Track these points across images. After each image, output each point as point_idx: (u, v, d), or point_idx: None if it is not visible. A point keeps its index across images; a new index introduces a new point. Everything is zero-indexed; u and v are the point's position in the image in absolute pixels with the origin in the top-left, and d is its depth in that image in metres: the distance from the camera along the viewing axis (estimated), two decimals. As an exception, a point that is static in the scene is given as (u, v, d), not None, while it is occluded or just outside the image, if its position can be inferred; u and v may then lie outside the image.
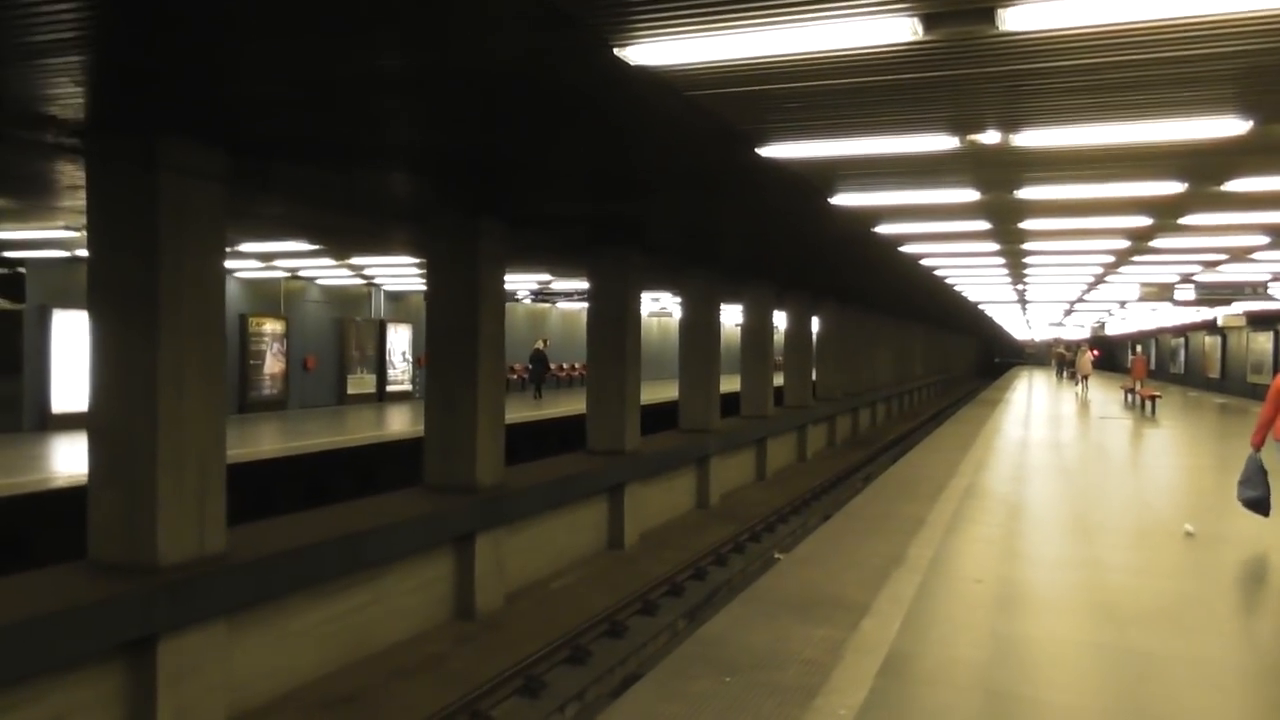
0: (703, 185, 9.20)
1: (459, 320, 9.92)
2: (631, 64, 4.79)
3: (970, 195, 9.10)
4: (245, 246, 13.88)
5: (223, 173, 7.00)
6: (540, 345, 26.73)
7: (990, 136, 6.56)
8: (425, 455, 10.24)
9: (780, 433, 21.62)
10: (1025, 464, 13.16)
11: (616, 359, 13.52)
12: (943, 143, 6.71)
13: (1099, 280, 19.96)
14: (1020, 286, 22.50)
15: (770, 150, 6.98)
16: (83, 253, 15.09)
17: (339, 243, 13.09)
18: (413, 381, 25.37)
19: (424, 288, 23.90)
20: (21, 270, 15.65)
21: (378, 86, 5.56)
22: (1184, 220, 10.69)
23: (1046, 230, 11.87)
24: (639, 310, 14.01)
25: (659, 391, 23.63)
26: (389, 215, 9.93)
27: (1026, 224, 11.24)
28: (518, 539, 10.86)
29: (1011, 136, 6.49)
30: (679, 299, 17.62)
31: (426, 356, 10.25)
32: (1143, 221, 10.73)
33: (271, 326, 20.78)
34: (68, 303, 16.21)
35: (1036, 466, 12.92)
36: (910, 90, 5.43)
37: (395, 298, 25.01)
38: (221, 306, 7.39)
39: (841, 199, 9.39)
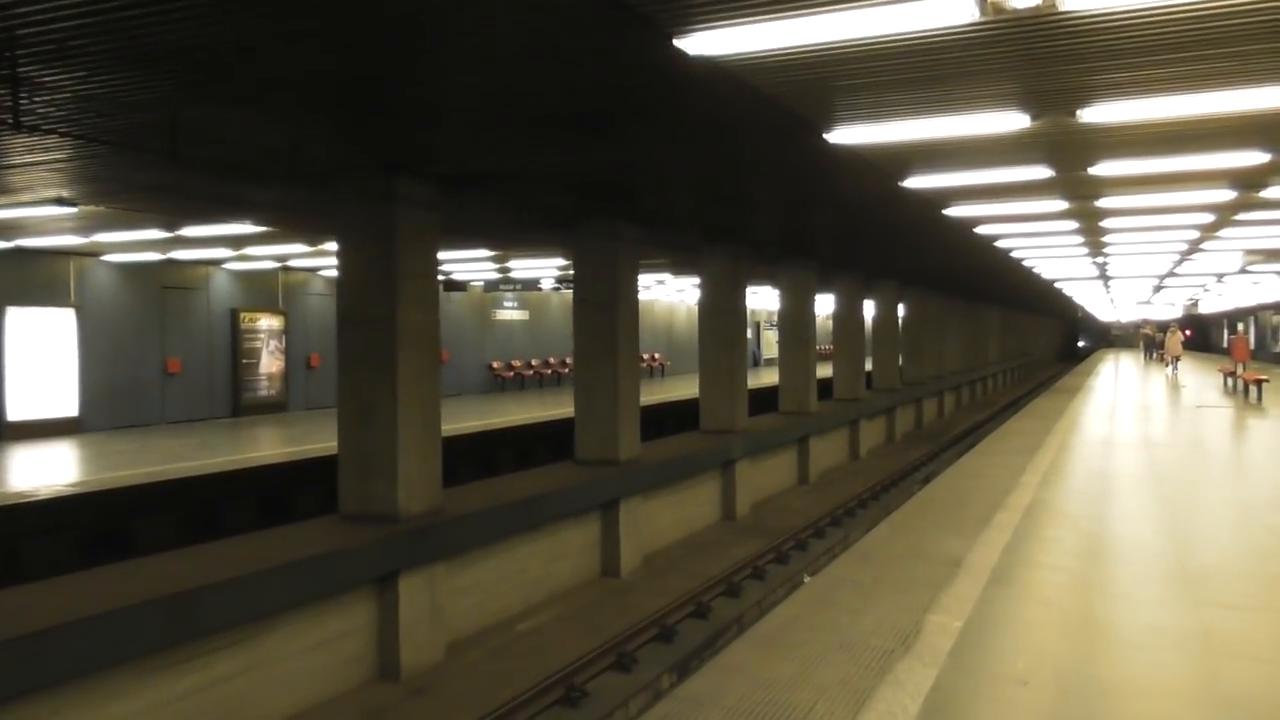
0: (758, 170, 8.92)
1: (373, 307, 8.01)
2: (691, 54, 4.70)
3: (1043, 173, 8.82)
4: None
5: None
6: None
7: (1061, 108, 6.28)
8: (339, 478, 8.35)
9: (827, 430, 19.31)
10: (1106, 470, 10.72)
11: (607, 353, 11.47)
12: (1013, 121, 6.53)
13: (1192, 249, 17.25)
14: (1100, 260, 19.86)
15: (837, 135, 6.91)
16: (28, 242, 13.68)
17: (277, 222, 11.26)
18: (433, 378, 23.76)
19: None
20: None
21: None
22: (1270, 192, 10.06)
23: (1127, 208, 11.50)
24: (635, 295, 11.95)
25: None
26: (299, 185, 8.05)
27: (1105, 201, 10.80)
28: (468, 574, 8.93)
29: (1081, 112, 6.30)
30: (698, 281, 15.48)
31: (338, 354, 8.34)
32: (1235, 186, 9.78)
33: (268, 322, 19.29)
34: (22, 300, 14.85)
35: (1120, 474, 10.48)
36: (976, 70, 5.32)
37: (412, 289, 23.40)
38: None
39: (911, 182, 9.20)
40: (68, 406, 15.44)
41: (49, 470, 12.01)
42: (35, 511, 10.11)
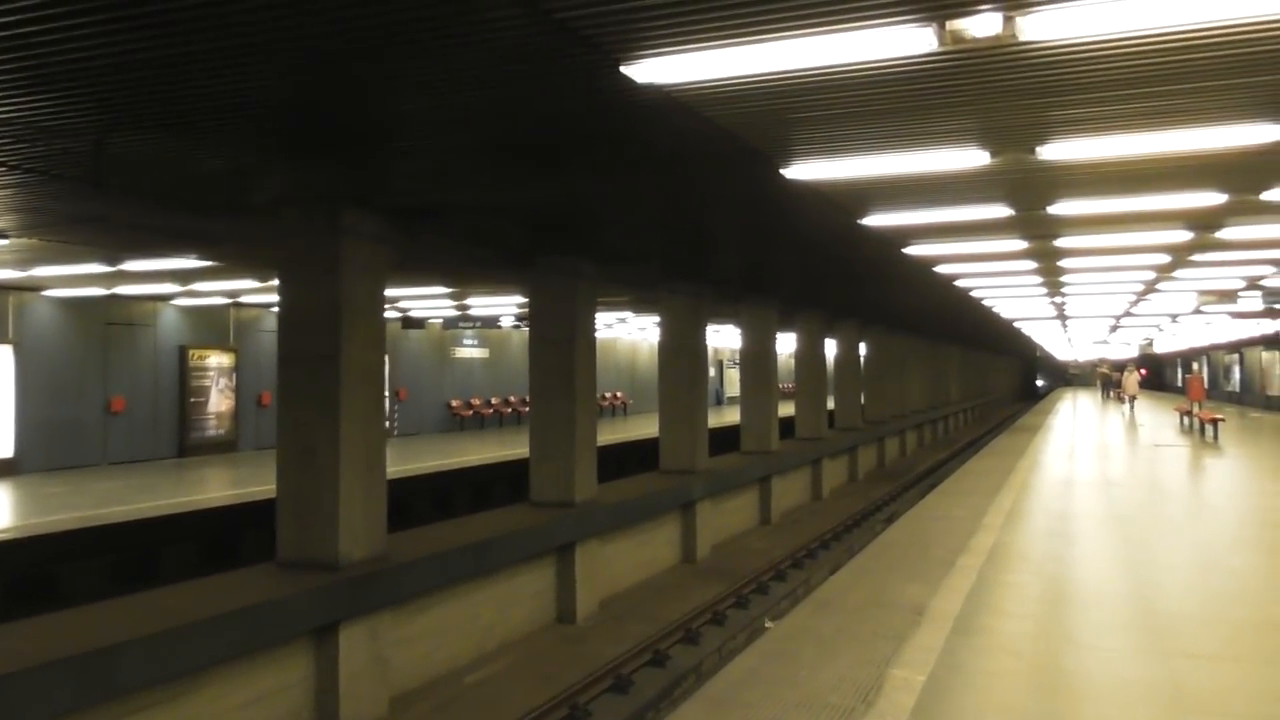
0: (714, 206, 8.83)
1: (315, 344, 7.69)
2: (639, 81, 4.55)
3: (1003, 211, 8.77)
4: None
5: None
6: None
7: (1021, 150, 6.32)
8: (277, 522, 7.96)
9: (789, 469, 19.12)
10: (1068, 511, 10.60)
11: (564, 391, 11.19)
12: (973, 158, 6.45)
13: (1148, 290, 17.41)
14: (1059, 300, 20.01)
15: (795, 171, 6.79)
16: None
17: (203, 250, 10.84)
18: (391, 418, 23.28)
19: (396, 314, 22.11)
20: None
21: None
22: (1225, 233, 10.10)
23: (1084, 248, 11.53)
24: (593, 332, 11.69)
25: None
26: (239, 216, 7.74)
27: (1064, 241, 10.84)
28: (415, 623, 8.55)
29: (1041, 149, 6.22)
30: (658, 319, 15.28)
31: (278, 393, 7.99)
32: (1191, 227, 9.75)
33: (218, 359, 18.78)
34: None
35: (1082, 514, 10.36)
36: (935, 103, 5.20)
37: (369, 326, 22.99)
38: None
39: (871, 220, 9.11)
40: (2, 447, 14.82)
41: (-24, 514, 11.43)
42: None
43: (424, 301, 18.95)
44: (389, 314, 21.87)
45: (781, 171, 6.60)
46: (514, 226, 9.28)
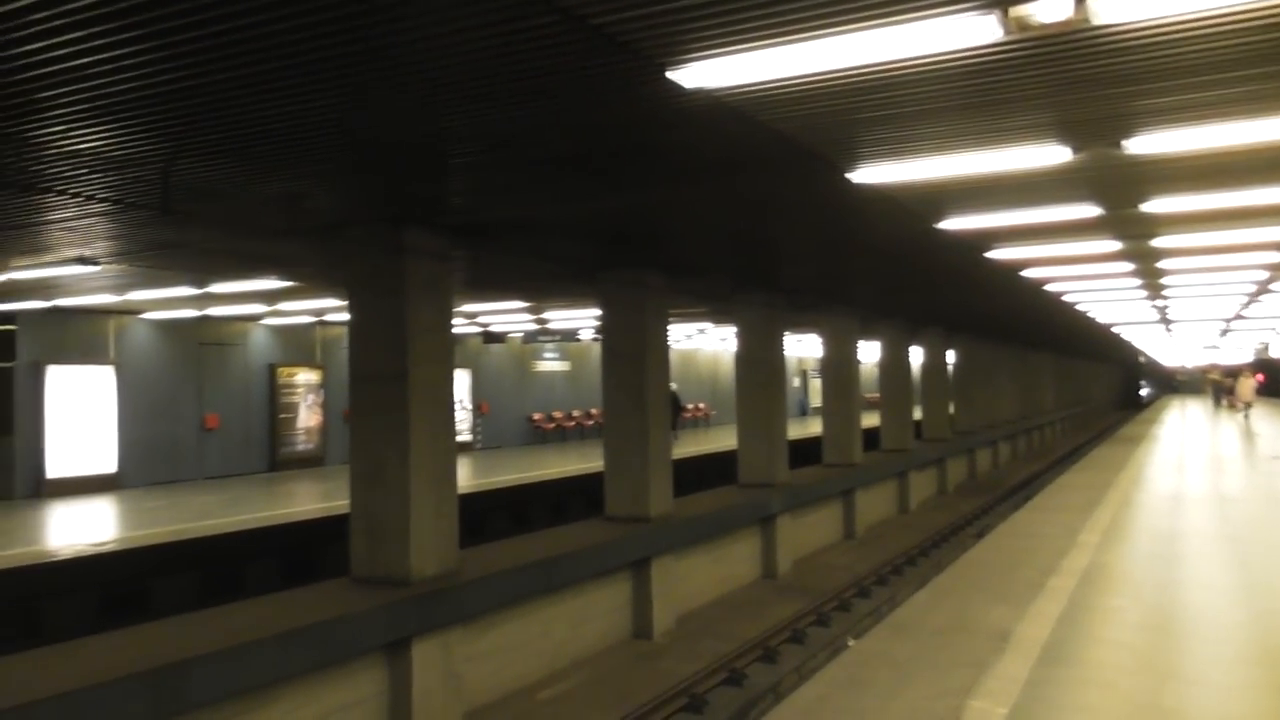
0: (777, 214, 8.50)
1: (383, 363, 7.72)
2: (687, 87, 4.39)
3: (1091, 211, 8.31)
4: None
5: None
6: (673, 387, 26.52)
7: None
8: (350, 538, 8.02)
9: (874, 482, 18.61)
10: (1174, 530, 9.98)
11: (636, 406, 11.06)
12: (1054, 155, 6.10)
13: (1261, 290, 16.41)
14: (1160, 303, 19.04)
15: (861, 175, 6.52)
16: (66, 302, 13.75)
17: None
18: (473, 432, 23.55)
19: (480, 329, 22.35)
20: (11, 327, 14.42)
21: None
22: None
23: (1185, 248, 10.90)
24: (665, 345, 11.54)
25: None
26: (305, 238, 7.85)
27: (1161, 241, 10.23)
28: (487, 639, 8.50)
29: (1127, 143, 5.84)
30: (735, 331, 15.04)
31: (348, 412, 8.08)
32: None
33: (305, 376, 19.26)
34: (62, 358, 14.95)
35: (1190, 533, 9.73)
36: (1006, 97, 4.90)
37: (451, 342, 23.32)
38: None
39: (947, 224, 8.73)
40: (106, 463, 15.44)
41: (78, 528, 11.89)
42: (55, 572, 9.94)
43: (502, 316, 19.10)
44: (470, 330, 22.16)
45: (847, 176, 6.34)
46: (577, 241, 9.21)
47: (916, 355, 24.85)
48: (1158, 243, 10.32)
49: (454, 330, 19.71)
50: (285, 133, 5.13)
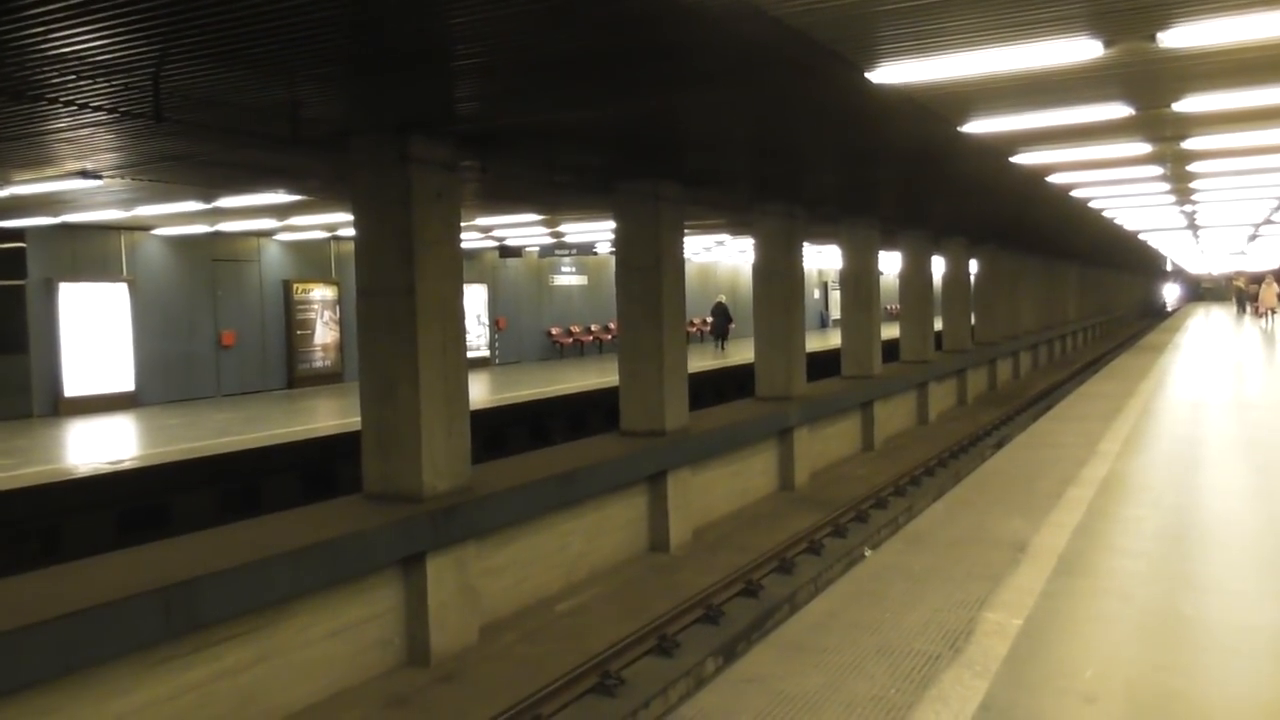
0: (794, 119, 8.13)
1: (390, 277, 7.58)
2: None
3: (1121, 111, 7.90)
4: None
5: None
6: (722, 299, 27.78)
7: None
8: (362, 455, 8.00)
9: (892, 394, 18.51)
10: (1194, 436, 9.84)
11: (652, 319, 10.91)
12: (1084, 49, 5.76)
13: (1294, 193, 15.91)
14: (1189, 209, 18.53)
15: (882, 74, 6.17)
16: (75, 217, 13.63)
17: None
18: (491, 347, 23.53)
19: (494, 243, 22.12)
20: (20, 244, 14.34)
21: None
22: None
23: (1218, 149, 10.36)
24: (680, 258, 11.32)
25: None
26: (308, 149, 7.60)
27: (1193, 143, 9.77)
28: (503, 553, 8.55)
29: (1162, 35, 5.48)
30: (755, 241, 14.75)
31: (357, 327, 7.99)
32: None
33: (321, 292, 19.20)
34: (74, 275, 14.90)
35: (1211, 440, 9.60)
36: None
37: (466, 255, 23.10)
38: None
39: (972, 126, 8.34)
40: (124, 381, 15.52)
41: (97, 446, 12.01)
42: (74, 490, 10.05)
43: (518, 230, 18.85)
44: (486, 244, 21.93)
45: (867, 76, 6.03)
46: (590, 150, 8.93)
47: (938, 266, 24.46)
48: (1189, 144, 9.92)
49: (469, 245, 19.36)
50: (280, 33, 4.89)
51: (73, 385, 14.75)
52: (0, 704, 4.92)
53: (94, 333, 15.02)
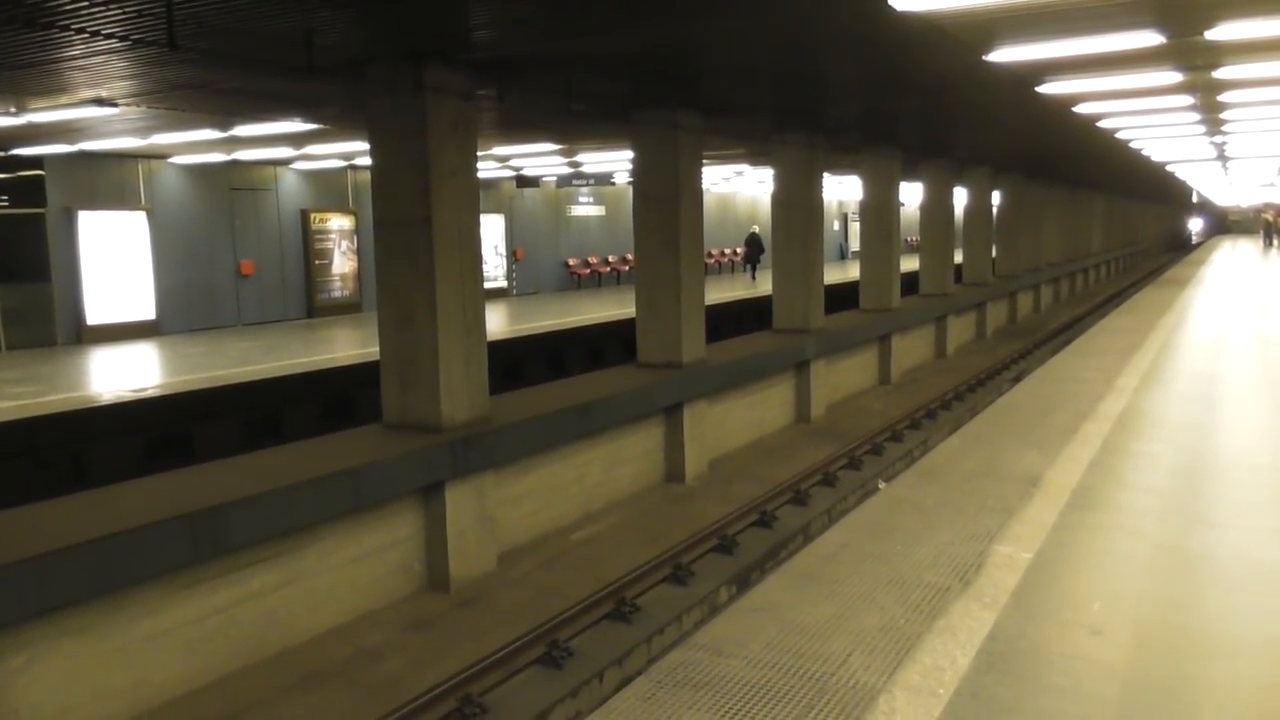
0: (814, 46, 7.94)
1: (406, 207, 7.57)
2: None
3: (1152, 39, 7.62)
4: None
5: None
6: (755, 229, 28.12)
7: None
8: (381, 386, 8.09)
9: (911, 327, 18.44)
10: (1214, 373, 9.79)
11: (669, 250, 10.86)
12: None
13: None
14: (1219, 140, 18.09)
15: (905, 1, 5.97)
16: (92, 145, 13.59)
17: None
18: (509, 278, 23.51)
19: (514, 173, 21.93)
20: (39, 171, 14.35)
21: None
22: None
23: (1249, 78, 10.01)
24: (699, 188, 11.21)
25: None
26: (324, 77, 7.52)
27: (1225, 72, 9.50)
28: (520, 483, 8.68)
29: None
30: (774, 171, 14.57)
31: (375, 258, 8.01)
32: None
33: (339, 222, 19.17)
34: (94, 203, 14.93)
35: (1229, 375, 9.56)
36: None
37: (483, 185, 22.94)
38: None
39: (997, 55, 8.12)
40: (145, 310, 15.65)
41: (121, 374, 12.18)
42: (100, 417, 10.22)
43: (535, 160, 18.67)
44: (503, 174, 21.76)
45: (890, 2, 5.87)
46: (608, 78, 8.77)
47: (960, 197, 24.12)
48: (1220, 74, 9.65)
49: (486, 174, 19.18)
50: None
51: (95, 313, 14.89)
52: (38, 621, 5.10)
53: (114, 261, 15.09)
